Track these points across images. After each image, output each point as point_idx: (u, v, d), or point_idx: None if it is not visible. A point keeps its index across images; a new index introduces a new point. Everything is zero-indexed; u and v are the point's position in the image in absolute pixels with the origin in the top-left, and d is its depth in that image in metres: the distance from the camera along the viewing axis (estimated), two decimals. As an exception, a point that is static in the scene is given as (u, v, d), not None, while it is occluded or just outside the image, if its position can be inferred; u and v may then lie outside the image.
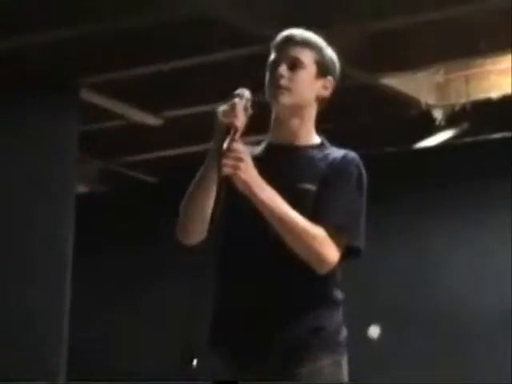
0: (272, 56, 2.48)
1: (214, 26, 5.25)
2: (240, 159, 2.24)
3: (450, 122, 6.75)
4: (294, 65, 2.43)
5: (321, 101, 2.50)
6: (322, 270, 2.33)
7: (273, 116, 2.48)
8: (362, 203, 2.43)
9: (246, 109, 2.32)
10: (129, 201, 7.96)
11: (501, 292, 6.44)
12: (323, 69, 2.47)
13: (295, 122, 2.45)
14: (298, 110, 2.44)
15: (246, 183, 2.25)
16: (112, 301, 7.58)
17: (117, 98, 6.36)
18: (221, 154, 2.24)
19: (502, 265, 6.49)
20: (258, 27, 5.19)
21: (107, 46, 5.62)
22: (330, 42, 2.52)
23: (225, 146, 2.24)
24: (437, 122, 6.69)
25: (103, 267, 7.65)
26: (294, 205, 2.30)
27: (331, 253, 2.32)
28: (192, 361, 4.34)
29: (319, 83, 2.47)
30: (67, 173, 6.10)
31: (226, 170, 2.22)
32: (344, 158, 2.43)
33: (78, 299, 5.97)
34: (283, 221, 2.28)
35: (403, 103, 6.50)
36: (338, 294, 2.42)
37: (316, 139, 2.51)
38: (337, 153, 2.45)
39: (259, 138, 2.56)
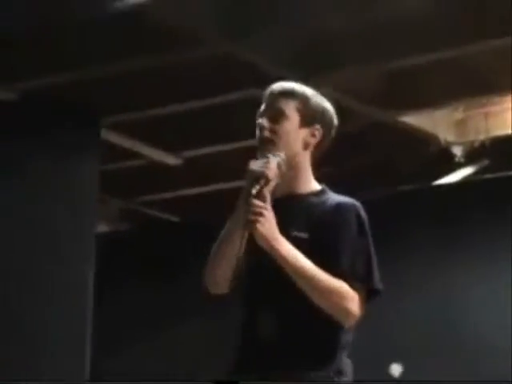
0: (261, 108, 2.52)
1: (234, 66, 5.32)
2: (260, 213, 2.27)
3: (469, 159, 6.74)
4: (276, 116, 2.45)
5: (313, 148, 2.49)
6: (349, 323, 2.34)
7: None
8: (369, 246, 2.41)
9: (279, 166, 2.35)
10: (149, 239, 8.00)
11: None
12: (308, 118, 2.47)
13: (289, 174, 2.44)
14: (287, 160, 2.42)
15: (263, 237, 2.28)
16: (133, 339, 7.59)
17: (137, 137, 6.43)
18: (246, 204, 2.28)
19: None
20: (275, 67, 5.25)
21: (127, 86, 5.69)
22: (348, 81, 2.55)
23: (253, 193, 2.28)
24: (456, 159, 6.69)
25: (124, 305, 7.66)
26: None
27: (355, 305, 2.32)
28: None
29: (305, 131, 2.47)
30: (88, 212, 6.15)
31: (247, 223, 2.27)
32: (340, 206, 2.43)
33: (99, 338, 5.98)
34: (305, 276, 2.29)
35: (422, 140, 6.51)
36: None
37: (315, 186, 2.51)
38: (334, 201, 2.45)
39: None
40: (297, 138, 2.46)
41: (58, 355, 5.66)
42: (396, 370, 6.71)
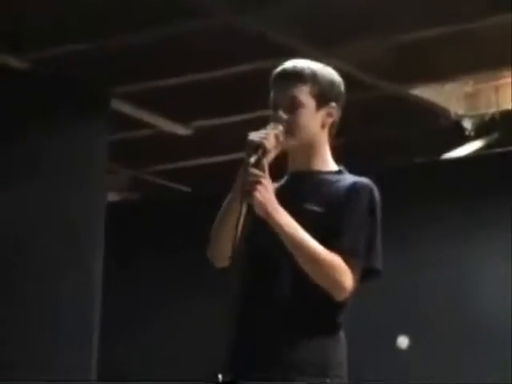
0: (271, 94, 2.52)
1: (245, 37, 5.30)
2: (258, 182, 2.29)
3: (479, 132, 6.73)
4: (292, 105, 2.45)
5: (330, 126, 2.52)
6: (340, 297, 2.35)
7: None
8: (376, 227, 2.44)
9: (277, 137, 2.38)
10: (159, 209, 8.03)
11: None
12: (323, 99, 2.48)
13: (308, 153, 2.50)
14: (306, 144, 2.48)
15: (261, 205, 2.30)
16: (144, 310, 7.64)
17: (147, 107, 6.43)
18: (244, 173, 2.31)
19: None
20: (284, 38, 5.24)
21: (137, 57, 5.69)
22: (359, 54, 2.54)
23: (251, 161, 2.30)
24: (466, 133, 6.68)
25: (134, 275, 7.70)
26: (300, 225, 2.33)
27: (348, 279, 2.33)
28: (217, 376, 4.34)
29: (322, 113, 2.49)
30: (98, 181, 6.18)
31: (244, 191, 2.28)
32: (356, 184, 2.44)
33: (108, 308, 6.02)
34: (300, 246, 2.32)
35: (433, 113, 6.50)
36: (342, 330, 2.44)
37: (333, 166, 2.53)
38: (350, 179, 2.46)
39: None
40: (315, 121, 2.48)
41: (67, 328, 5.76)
42: (403, 342, 6.75)
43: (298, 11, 5.05)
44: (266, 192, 2.30)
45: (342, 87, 2.55)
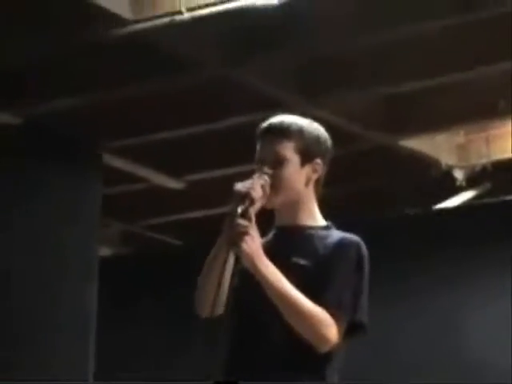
0: (257, 148, 2.51)
1: (235, 90, 5.35)
2: (245, 232, 2.27)
3: (471, 183, 6.76)
4: (277, 161, 2.44)
5: (315, 182, 2.51)
6: (323, 350, 2.33)
7: None
8: (363, 283, 2.42)
9: (263, 187, 2.37)
10: (151, 262, 8.01)
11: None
12: (308, 155, 2.47)
13: (294, 208, 2.48)
14: (292, 199, 2.47)
15: (248, 256, 2.28)
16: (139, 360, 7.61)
17: (139, 162, 6.46)
18: (231, 223, 2.28)
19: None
20: (277, 92, 5.28)
21: (129, 111, 5.73)
22: (349, 105, 2.56)
23: (238, 211, 2.28)
24: (458, 183, 6.71)
25: (128, 326, 7.67)
26: (287, 279, 2.31)
27: (332, 333, 2.32)
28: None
29: (307, 169, 2.48)
30: (90, 235, 6.20)
31: (231, 242, 2.27)
32: (343, 239, 2.43)
33: (102, 358, 6.01)
34: (284, 298, 2.30)
35: (424, 164, 6.54)
36: (334, 379, 2.41)
37: (320, 222, 2.52)
38: (338, 235, 2.45)
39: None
40: (299, 177, 2.47)
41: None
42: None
43: (286, 64, 5.11)
44: (253, 243, 2.29)
45: (329, 143, 2.53)
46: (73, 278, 5.97)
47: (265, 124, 2.51)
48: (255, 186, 2.35)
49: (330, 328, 2.31)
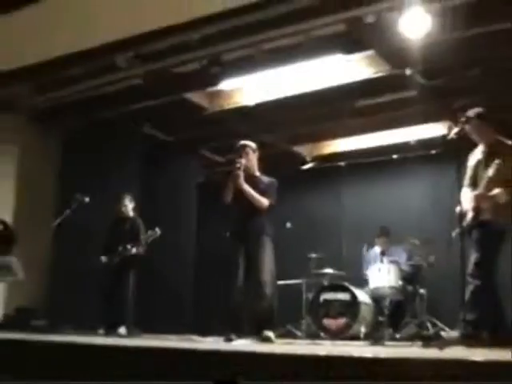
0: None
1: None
2: (238, 176, 6.72)
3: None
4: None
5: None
6: (263, 207, 6.78)
7: None
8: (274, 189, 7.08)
9: (247, 153, 6.79)
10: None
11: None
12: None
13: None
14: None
15: (240, 185, 6.71)
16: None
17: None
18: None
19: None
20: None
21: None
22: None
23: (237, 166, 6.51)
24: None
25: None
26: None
27: (266, 203, 6.83)
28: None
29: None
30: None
31: (233, 179, 6.72)
32: (269, 179, 7.09)
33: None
34: (253, 197, 6.74)
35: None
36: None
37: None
38: (267, 178, 7.07)
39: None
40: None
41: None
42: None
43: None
44: (240, 178, 6.84)
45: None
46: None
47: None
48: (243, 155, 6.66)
49: (265, 201, 6.83)
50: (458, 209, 6.03)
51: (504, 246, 5.77)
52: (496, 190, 5.71)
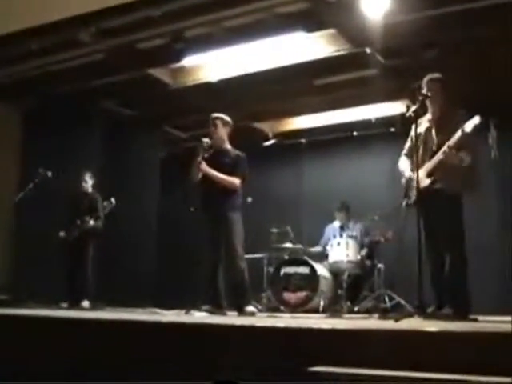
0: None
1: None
2: (200, 163, 6.53)
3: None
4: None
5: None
6: (234, 187, 6.43)
7: None
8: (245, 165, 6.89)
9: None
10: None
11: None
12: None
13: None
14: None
15: (204, 172, 6.23)
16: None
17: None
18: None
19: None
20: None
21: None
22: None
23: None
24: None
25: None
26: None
27: (236, 183, 6.62)
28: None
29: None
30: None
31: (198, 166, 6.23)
32: (239, 154, 6.76)
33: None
34: (222, 179, 6.41)
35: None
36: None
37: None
38: (236, 151, 6.76)
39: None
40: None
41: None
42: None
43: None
44: (203, 164, 6.67)
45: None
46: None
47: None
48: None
49: (236, 180, 6.47)
50: (403, 180, 6.08)
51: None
52: (461, 153, 5.55)
